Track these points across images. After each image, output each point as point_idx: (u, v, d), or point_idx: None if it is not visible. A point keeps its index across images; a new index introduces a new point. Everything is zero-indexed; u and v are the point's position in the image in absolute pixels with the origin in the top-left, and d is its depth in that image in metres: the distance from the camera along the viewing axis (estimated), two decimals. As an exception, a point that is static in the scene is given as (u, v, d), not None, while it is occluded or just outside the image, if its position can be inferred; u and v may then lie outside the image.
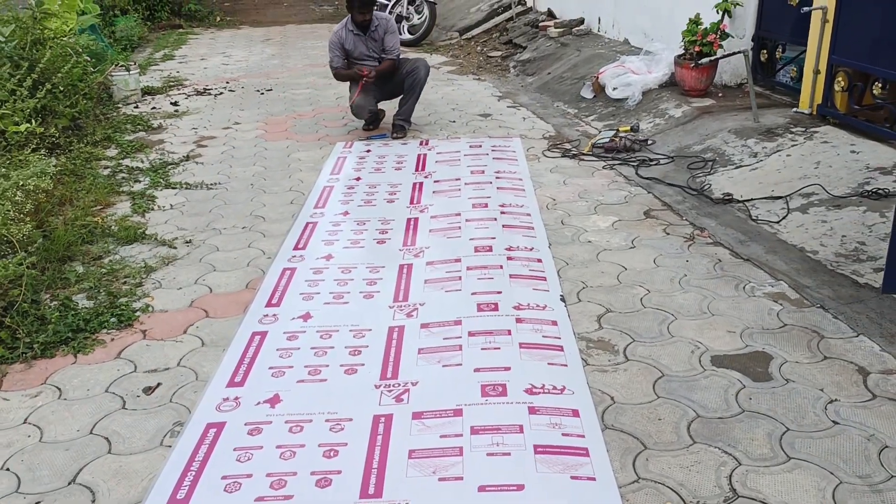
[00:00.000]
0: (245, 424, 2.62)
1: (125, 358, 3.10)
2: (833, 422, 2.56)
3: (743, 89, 6.33)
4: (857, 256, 3.70)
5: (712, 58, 5.95)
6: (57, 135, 5.13)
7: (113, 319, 3.35)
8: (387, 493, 2.26)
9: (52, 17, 6.07)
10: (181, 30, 12.67)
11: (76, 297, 3.54)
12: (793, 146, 5.01)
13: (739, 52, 5.62)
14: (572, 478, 2.30)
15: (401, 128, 6.13)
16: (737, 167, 4.97)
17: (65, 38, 6.17)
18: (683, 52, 6.30)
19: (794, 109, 5.60)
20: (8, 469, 2.47)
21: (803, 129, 5.21)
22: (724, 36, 6.10)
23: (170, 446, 2.54)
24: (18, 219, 3.28)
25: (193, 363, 3.04)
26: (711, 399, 2.70)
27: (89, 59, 6.73)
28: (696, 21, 6.23)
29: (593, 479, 2.30)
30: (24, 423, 2.70)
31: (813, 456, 2.40)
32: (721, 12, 6.16)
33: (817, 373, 2.83)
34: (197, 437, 2.56)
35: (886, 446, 2.42)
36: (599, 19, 8.73)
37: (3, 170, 3.51)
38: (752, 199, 4.48)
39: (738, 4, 6.16)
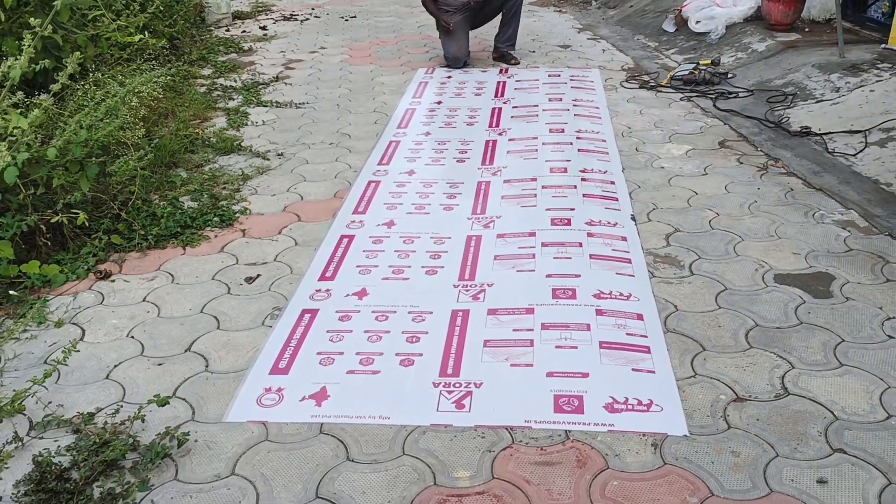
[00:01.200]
0: (336, 312, 2.90)
1: (228, 252, 3.42)
2: (888, 336, 2.68)
3: (831, 24, 6.20)
4: (933, 190, 3.72)
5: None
6: (159, 50, 5.44)
7: (216, 219, 3.67)
8: (463, 373, 2.52)
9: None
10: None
11: (182, 198, 3.87)
12: (877, 81, 4.96)
13: (830, -15, 5.50)
14: (633, 370, 2.51)
15: (509, 55, 6.20)
16: (817, 101, 4.95)
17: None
18: (772, -16, 6.18)
19: (883, 45, 5.50)
20: (132, 337, 2.82)
21: (890, 66, 5.13)
22: (816, -32, 5.97)
23: (270, 326, 2.85)
24: (133, 123, 3.58)
25: (288, 259, 3.34)
26: (771, 311, 2.85)
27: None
28: (787, -48, 6.10)
29: (653, 371, 2.50)
30: (143, 301, 3.05)
31: (865, 364, 2.54)
32: (814, -56, 6.01)
33: (878, 293, 2.94)
34: (294, 320, 2.85)
35: (939, 360, 2.55)
36: (687, -49, 8.52)
37: (120, 77, 3.80)
38: (830, 133, 4.49)
39: (832, -65, 5.99)
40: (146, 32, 4.10)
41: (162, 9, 6.00)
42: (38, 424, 2.35)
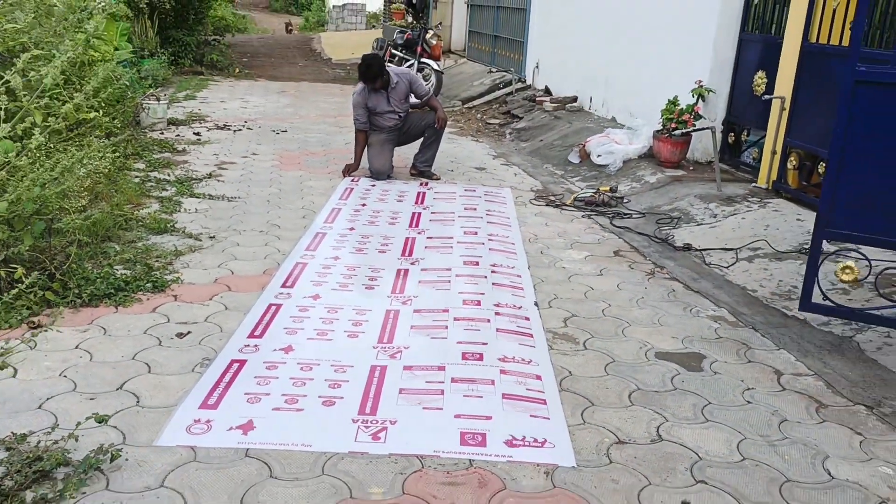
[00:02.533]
0: (263, 363, 3.14)
1: (160, 312, 3.63)
2: (747, 401, 3.12)
3: (711, 165, 7.06)
4: (789, 296, 4.31)
5: (686, 130, 6.69)
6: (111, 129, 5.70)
7: (148, 285, 3.88)
8: (380, 413, 2.79)
9: (102, 43, 6.75)
10: (202, 76, 13.47)
11: (116, 267, 4.07)
12: (748, 212, 5.70)
13: (708, 128, 6.37)
14: (531, 416, 2.84)
15: (427, 172, 6.77)
16: (698, 224, 5.63)
17: (110, 63, 6.83)
18: (661, 127, 7.05)
19: (753, 184, 6.32)
20: (65, 376, 2.97)
21: (758, 200, 5.91)
22: (698, 117, 6.86)
23: (200, 373, 3.05)
24: (79, 191, 3.84)
25: (218, 321, 3.57)
26: (651, 379, 3.25)
27: (127, 84, 7.39)
28: (673, 102, 7.01)
29: (548, 418, 2.84)
30: (76, 348, 3.21)
31: (726, 420, 2.95)
32: (696, 96, 6.94)
33: (741, 370, 3.40)
34: (223, 368, 3.08)
35: (786, 420, 2.98)
36: (591, 98, 9.56)
37: (73, 149, 4.05)
38: (707, 249, 5.12)
39: (710, 91, 6.94)
40: (100, 111, 4.40)
41: (104, 106, 6.34)
42: (-28, 442, 2.47)
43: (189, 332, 3.43)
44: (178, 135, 8.05)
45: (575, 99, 9.94)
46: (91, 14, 6.25)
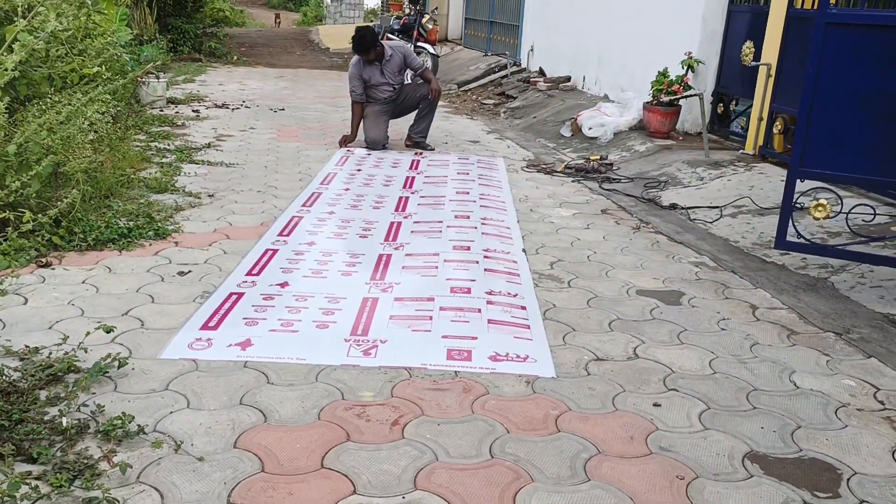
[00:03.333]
0: (260, 294, 3.30)
1: (162, 255, 3.78)
2: (721, 329, 3.27)
3: (700, 136, 7.21)
4: (769, 245, 4.46)
5: (675, 97, 6.84)
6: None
7: (150, 232, 4.04)
8: (371, 334, 2.95)
9: (101, 16, 6.90)
10: (200, 63, 13.61)
11: (119, 218, 4.22)
12: (734, 174, 5.85)
13: (696, 94, 6.52)
14: (515, 337, 3.00)
15: (422, 143, 6.91)
16: (685, 187, 5.78)
17: (110, 35, 6.97)
18: (651, 98, 7.20)
19: (741, 151, 6.47)
20: (73, 304, 3.13)
21: (745, 164, 6.06)
22: (687, 87, 7.02)
23: (201, 303, 3.21)
24: (82, 141, 3.99)
25: (217, 263, 3.73)
26: (631, 311, 3.41)
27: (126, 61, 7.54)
28: (664, 73, 7.16)
29: (531, 340, 3.00)
30: (83, 283, 3.37)
31: (701, 343, 3.10)
32: (685, 67, 7.09)
33: (717, 304, 3.56)
34: (222, 299, 3.23)
35: (757, 343, 3.13)
36: (584, 77, 9.71)
37: (77, 96, 4.18)
38: (693, 207, 5.27)
39: (700, 62, 7.09)
40: (103, 66, 4.55)
41: (105, 76, 6.49)
42: (-14, 353, 2.62)
43: (190, 271, 3.58)
44: (177, 112, 8.21)
45: (568, 79, 10.09)
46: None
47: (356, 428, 2.33)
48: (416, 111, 7.04)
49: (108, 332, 2.67)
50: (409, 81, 7.06)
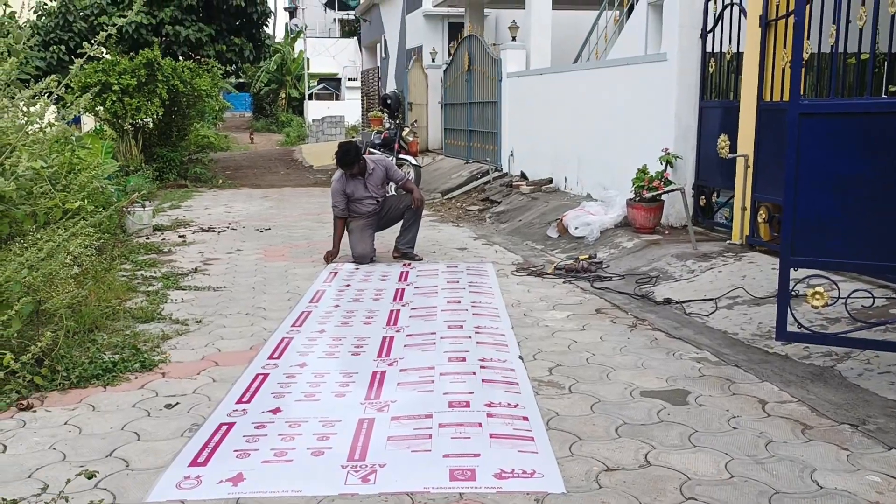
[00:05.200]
0: (251, 423, 3.17)
1: (148, 388, 3.66)
2: (733, 427, 3.15)
3: (686, 229, 7.25)
4: (770, 335, 4.38)
5: (657, 192, 6.91)
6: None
7: (136, 365, 3.93)
8: (369, 458, 2.81)
9: (86, 150, 6.99)
10: (186, 189, 13.78)
11: (104, 352, 4.11)
12: (724, 265, 5.84)
13: (678, 189, 6.60)
14: (519, 451, 2.87)
15: (410, 254, 6.90)
16: (677, 280, 5.75)
17: (94, 171, 7.05)
18: (634, 195, 7.28)
19: (728, 241, 6.49)
20: (54, 448, 2.98)
21: (734, 255, 6.06)
22: (668, 182, 7.11)
23: (189, 437, 3.07)
24: (64, 279, 3.93)
25: (206, 392, 3.60)
26: (637, 414, 3.29)
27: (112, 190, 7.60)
28: (643, 171, 7.27)
29: (536, 452, 2.86)
30: (65, 424, 3.23)
31: (714, 445, 2.97)
32: (664, 163, 7.20)
33: (726, 401, 3.45)
34: (212, 430, 3.10)
35: (772, 441, 3.01)
36: (566, 178, 9.86)
37: (60, 232, 4.14)
38: (687, 301, 5.22)
39: (677, 157, 7.22)
40: (86, 200, 4.55)
41: (89, 210, 6.51)
42: (-39, 510, 2.46)
43: (178, 403, 3.45)
44: (164, 238, 8.21)
45: (550, 181, 10.25)
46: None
47: (358, 566, 2.17)
48: (402, 222, 7.07)
49: (89, 479, 2.51)
50: (392, 193, 7.13)
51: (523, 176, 11.14)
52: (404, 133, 12.52)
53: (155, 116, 13.50)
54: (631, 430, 3.11)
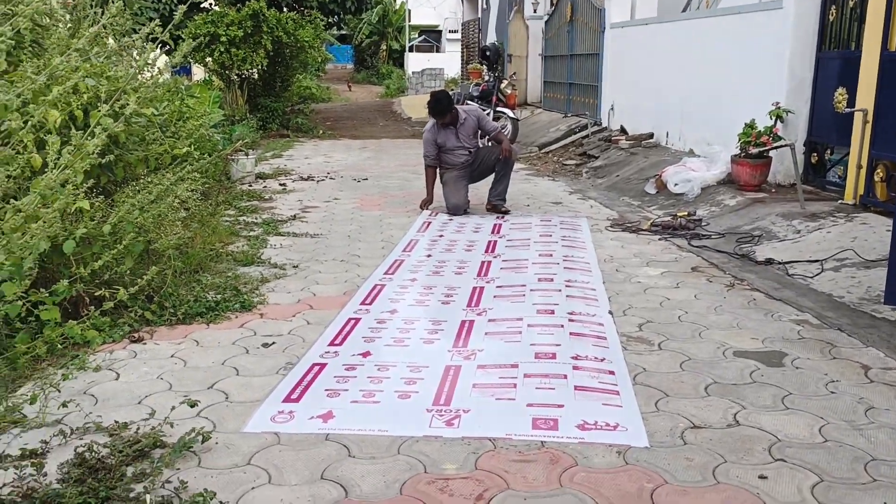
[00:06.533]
0: (342, 365, 3.28)
1: (247, 328, 3.83)
2: (830, 392, 3.03)
3: (794, 187, 6.92)
4: (879, 300, 4.17)
5: (764, 148, 6.61)
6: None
7: (236, 305, 4.11)
8: (454, 403, 2.86)
9: (195, 100, 7.26)
10: (288, 138, 14.13)
11: (207, 292, 4.32)
12: (833, 226, 5.55)
13: (787, 145, 6.28)
14: (603, 404, 2.86)
15: (500, 206, 6.88)
16: (780, 240, 5.52)
17: (202, 119, 7.31)
18: (739, 151, 6.99)
19: (840, 201, 6.16)
20: (162, 378, 3.18)
21: (845, 215, 5.75)
22: (777, 138, 6.77)
23: (284, 375, 3.21)
24: (171, 221, 4.14)
25: (301, 333, 3.74)
26: (728, 374, 3.21)
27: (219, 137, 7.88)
28: (751, 125, 6.95)
29: (620, 406, 2.85)
30: (171, 357, 3.43)
31: (809, 408, 2.88)
32: (774, 118, 6.86)
33: (825, 365, 3.31)
34: (305, 370, 3.22)
35: (873, 407, 2.88)
36: (667, 133, 9.55)
37: (165, 179, 4.35)
38: (791, 262, 5.01)
39: (789, 112, 6.86)
40: (193, 147, 4.74)
41: (196, 156, 6.78)
42: (78, 429, 2.67)
43: (274, 343, 3.60)
44: (265, 186, 8.48)
45: (651, 135, 9.95)
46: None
47: (439, 503, 2.23)
48: (494, 174, 7.03)
49: (192, 407, 2.68)
50: (484, 146, 7.10)
51: (623, 130, 10.85)
52: (503, 86, 12.39)
53: (259, 67, 13.85)
54: (721, 389, 3.05)
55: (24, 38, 4.00)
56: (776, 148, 6.61)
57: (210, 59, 13.35)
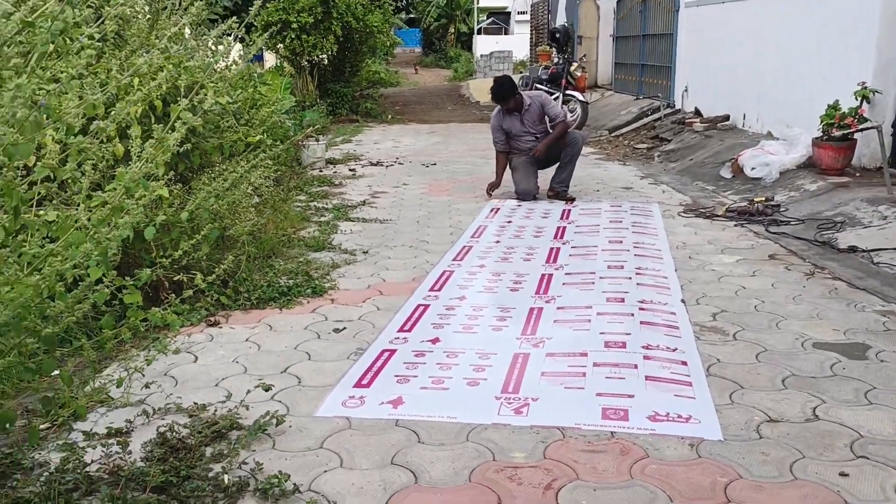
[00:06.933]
0: (412, 351, 3.31)
1: (318, 313, 3.90)
2: (918, 386, 2.91)
3: (880, 171, 6.62)
4: (971, 290, 3.97)
5: (849, 131, 6.35)
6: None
7: (308, 290, 4.19)
8: (522, 391, 2.86)
9: (266, 87, 7.39)
10: (357, 123, 14.28)
11: (280, 277, 4.41)
12: (922, 211, 5.30)
13: (874, 127, 6.01)
14: (675, 395, 2.81)
15: (563, 193, 6.80)
16: (865, 227, 5.30)
17: (274, 105, 7.45)
18: (821, 134, 6.72)
19: (931, 186, 5.87)
20: (237, 362, 3.27)
21: (936, 199, 5.48)
22: (862, 120, 6.49)
23: (354, 360, 3.26)
24: (245, 208, 4.24)
25: (371, 319, 3.79)
26: (808, 366, 3.11)
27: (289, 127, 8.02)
28: (834, 107, 6.67)
29: (693, 398, 2.79)
30: (246, 341, 3.52)
31: (894, 403, 2.76)
32: (859, 98, 6.57)
33: (912, 359, 3.18)
34: (375, 356, 3.27)
35: (964, 403, 2.75)
36: (744, 115, 9.26)
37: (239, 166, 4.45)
38: (876, 250, 4.80)
39: (876, 92, 6.55)
40: (266, 135, 4.84)
41: (269, 142, 6.92)
42: (160, 410, 2.77)
43: (344, 328, 3.66)
44: (335, 171, 8.59)
45: (727, 117, 9.66)
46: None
47: (508, 492, 2.24)
48: (559, 161, 6.94)
49: (266, 391, 2.75)
50: (551, 131, 7.01)
51: (697, 112, 10.57)
52: (572, 68, 12.21)
53: (329, 53, 14.02)
54: (799, 382, 2.95)
55: (107, 32, 4.13)
56: (862, 130, 6.33)
57: (281, 45, 13.58)
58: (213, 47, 4.97)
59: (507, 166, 6.94)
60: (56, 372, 2.04)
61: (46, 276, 1.75)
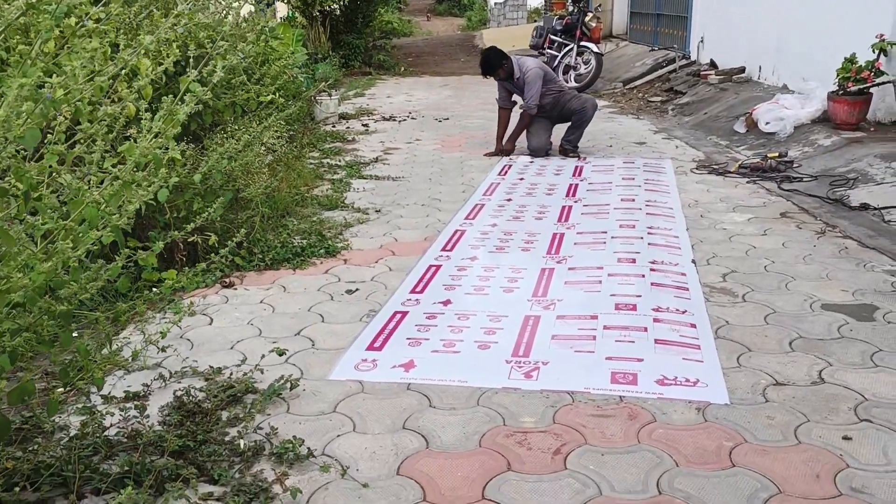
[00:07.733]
0: (423, 314, 3.35)
1: (331, 273, 3.95)
2: (925, 349, 2.93)
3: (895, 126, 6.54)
4: (984, 250, 3.95)
5: (865, 84, 6.25)
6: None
7: (321, 251, 4.23)
8: (532, 355, 2.91)
9: (278, 42, 7.33)
10: (370, 76, 14.16)
11: (293, 237, 4.45)
12: (938, 168, 5.25)
13: (891, 81, 5.92)
14: (683, 359, 2.85)
15: (571, 150, 6.77)
16: (878, 184, 5.26)
17: (285, 60, 7.39)
18: (837, 87, 6.62)
19: (947, 140, 5.79)
20: (252, 324, 3.33)
21: (952, 156, 5.42)
22: (879, 73, 6.38)
23: (367, 322, 3.31)
24: (259, 166, 4.26)
25: (383, 280, 3.83)
26: (815, 328, 3.13)
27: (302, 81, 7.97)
28: (851, 60, 6.56)
29: (701, 361, 2.83)
30: (260, 303, 3.58)
31: (900, 366, 2.79)
32: (877, 51, 6.45)
33: (920, 321, 3.19)
34: (387, 318, 3.31)
35: (971, 367, 2.78)
36: (760, 67, 9.11)
37: (253, 125, 4.45)
38: (888, 207, 4.78)
39: (894, 44, 6.43)
40: (277, 93, 4.83)
41: (281, 99, 6.89)
42: (177, 373, 2.84)
43: (357, 290, 3.71)
44: (348, 127, 8.57)
45: (742, 70, 9.51)
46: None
47: (517, 456, 2.30)
48: (572, 120, 6.87)
49: (280, 355, 2.81)
50: (566, 89, 6.96)
51: (713, 64, 10.40)
52: (587, 18, 11.99)
53: (342, 2, 13.83)
54: (806, 345, 2.98)
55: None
56: (879, 84, 6.23)
57: (294, -6, 13.42)
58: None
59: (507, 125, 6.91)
60: (73, 346, 2.09)
61: (60, 254, 1.78)
